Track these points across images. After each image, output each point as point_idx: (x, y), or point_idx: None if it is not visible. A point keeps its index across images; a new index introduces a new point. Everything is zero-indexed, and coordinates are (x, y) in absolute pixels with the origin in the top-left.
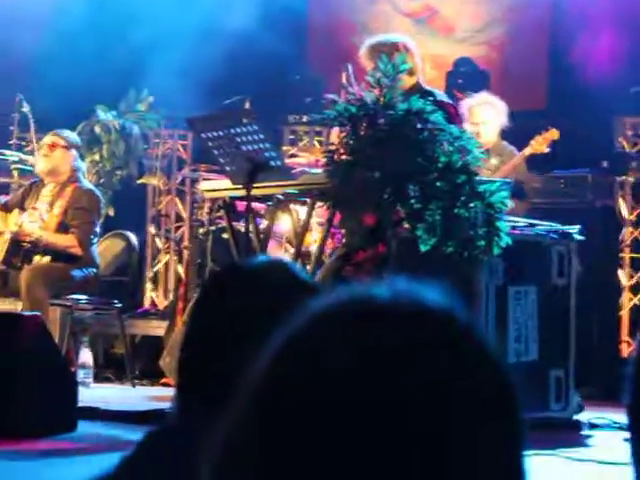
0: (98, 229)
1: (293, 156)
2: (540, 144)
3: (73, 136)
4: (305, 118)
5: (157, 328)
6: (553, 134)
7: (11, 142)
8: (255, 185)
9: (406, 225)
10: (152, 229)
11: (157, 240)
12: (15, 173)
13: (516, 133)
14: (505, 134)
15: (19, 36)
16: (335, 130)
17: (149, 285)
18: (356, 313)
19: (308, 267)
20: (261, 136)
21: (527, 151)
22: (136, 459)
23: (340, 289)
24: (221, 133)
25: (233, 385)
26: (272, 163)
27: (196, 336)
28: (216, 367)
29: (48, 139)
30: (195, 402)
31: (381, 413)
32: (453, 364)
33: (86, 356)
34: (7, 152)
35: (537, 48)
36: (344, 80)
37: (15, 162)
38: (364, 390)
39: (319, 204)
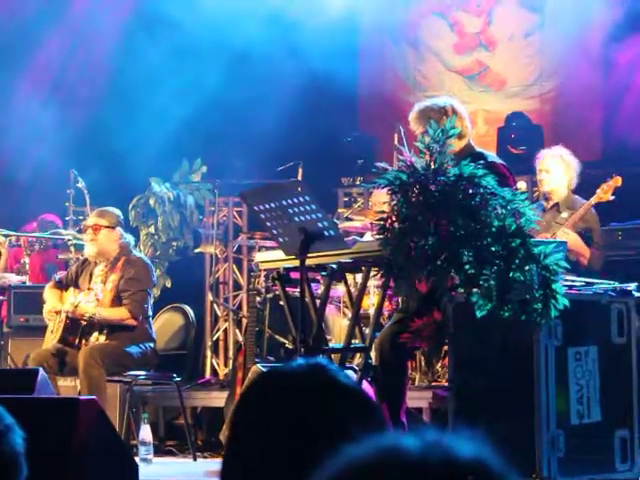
0: (152, 299)
1: (348, 219)
2: (605, 192)
3: (115, 213)
4: (358, 180)
5: (217, 399)
6: (617, 181)
7: (68, 218)
8: (309, 255)
9: (461, 291)
10: (210, 297)
11: (216, 308)
12: (72, 249)
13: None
14: None
15: (73, 111)
16: (378, 191)
17: (209, 353)
18: (385, 470)
19: (366, 330)
20: (313, 206)
21: (593, 200)
22: None
23: (373, 439)
24: (273, 205)
25: None
26: (325, 233)
27: (235, 448)
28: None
29: (90, 221)
30: None
31: None
32: None
33: (146, 432)
34: (63, 232)
35: (590, 99)
36: (396, 141)
37: (70, 240)
38: None
39: (374, 271)
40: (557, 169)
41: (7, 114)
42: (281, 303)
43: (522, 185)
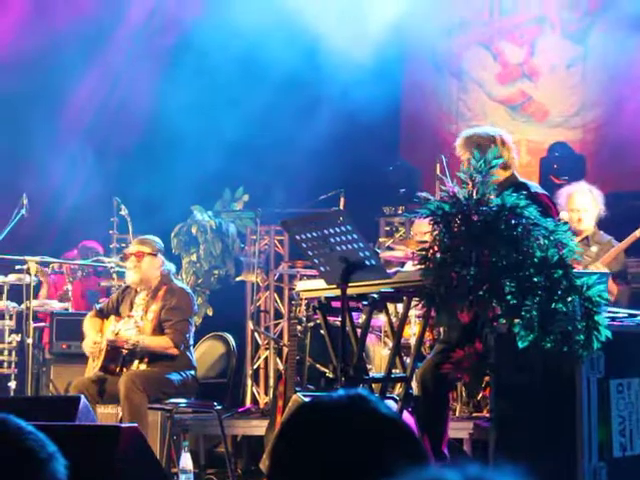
0: (194, 328)
1: (389, 249)
2: None
3: (156, 241)
4: (400, 209)
5: (258, 427)
6: None
7: (112, 246)
8: (350, 284)
9: (503, 321)
10: (251, 325)
11: (257, 336)
12: (115, 276)
13: (615, 215)
14: (604, 217)
15: (114, 142)
16: (420, 221)
17: (250, 381)
18: None
19: (407, 360)
20: (355, 236)
21: (638, 232)
22: None
23: (415, 471)
24: (314, 234)
25: None
26: (367, 262)
27: (276, 477)
28: None
29: (133, 249)
30: None
31: None
32: None
33: (187, 460)
34: (106, 259)
35: (633, 130)
36: (438, 171)
37: (112, 267)
38: None
39: (415, 301)
40: (590, 205)
41: (50, 145)
42: (322, 332)
43: (564, 215)
